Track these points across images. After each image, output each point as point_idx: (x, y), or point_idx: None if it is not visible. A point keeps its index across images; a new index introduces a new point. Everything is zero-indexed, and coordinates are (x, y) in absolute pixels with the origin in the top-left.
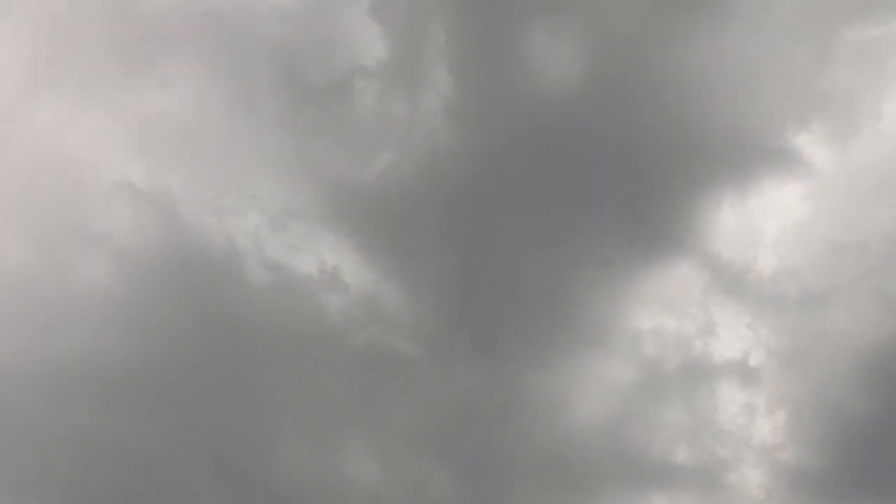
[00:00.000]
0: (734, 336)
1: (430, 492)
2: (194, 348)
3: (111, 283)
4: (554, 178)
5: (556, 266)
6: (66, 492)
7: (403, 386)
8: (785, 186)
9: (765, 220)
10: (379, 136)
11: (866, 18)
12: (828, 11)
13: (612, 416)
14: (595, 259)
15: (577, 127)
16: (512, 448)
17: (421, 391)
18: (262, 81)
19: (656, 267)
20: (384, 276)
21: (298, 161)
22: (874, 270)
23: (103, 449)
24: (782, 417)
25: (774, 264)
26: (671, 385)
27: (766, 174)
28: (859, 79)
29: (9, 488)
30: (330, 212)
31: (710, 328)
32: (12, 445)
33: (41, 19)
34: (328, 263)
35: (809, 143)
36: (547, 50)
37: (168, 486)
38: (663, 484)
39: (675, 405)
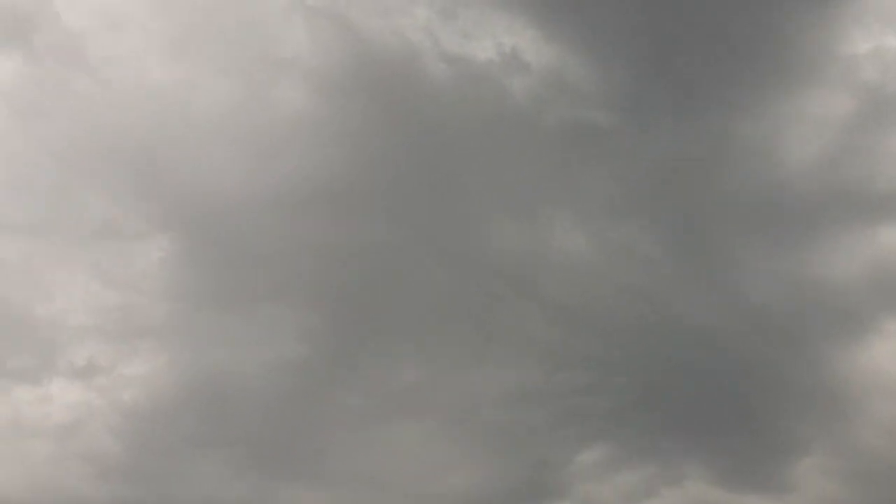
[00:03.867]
0: None
1: (638, 254)
2: (393, 151)
3: (307, 103)
4: None
5: None
6: (312, 294)
7: (600, 155)
8: None
9: None
10: None
11: None
12: None
13: (830, 152)
14: None
15: None
16: (720, 200)
17: (619, 158)
18: None
19: None
20: (565, 48)
21: None
22: None
23: (339, 252)
24: None
25: None
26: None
27: None
28: None
29: (261, 297)
30: None
31: None
32: (257, 260)
33: None
34: (506, 45)
35: None
36: None
37: (400, 274)
38: (893, 216)
39: None
